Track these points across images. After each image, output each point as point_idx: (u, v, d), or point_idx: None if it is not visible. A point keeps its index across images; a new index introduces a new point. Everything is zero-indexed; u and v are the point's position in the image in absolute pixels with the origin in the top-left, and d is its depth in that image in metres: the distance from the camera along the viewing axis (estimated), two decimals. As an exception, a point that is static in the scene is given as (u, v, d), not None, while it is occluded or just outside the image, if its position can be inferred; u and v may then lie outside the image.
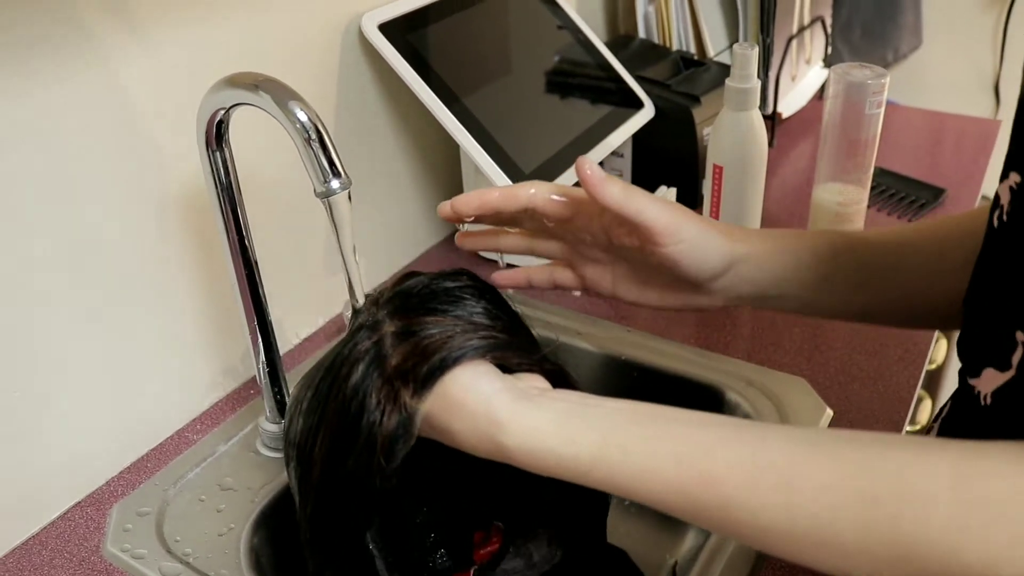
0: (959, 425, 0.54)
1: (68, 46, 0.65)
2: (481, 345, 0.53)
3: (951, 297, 0.59)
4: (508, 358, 0.54)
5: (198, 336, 0.82)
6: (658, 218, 0.57)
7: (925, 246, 0.63)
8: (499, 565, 0.65)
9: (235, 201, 0.67)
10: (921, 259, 0.62)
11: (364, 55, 0.92)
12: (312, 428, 0.54)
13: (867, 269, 0.63)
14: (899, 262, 0.62)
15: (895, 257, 0.63)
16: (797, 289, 0.62)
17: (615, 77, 1.11)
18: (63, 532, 0.72)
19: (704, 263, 0.59)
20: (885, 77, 0.93)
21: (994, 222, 0.48)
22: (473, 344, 0.53)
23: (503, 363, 0.54)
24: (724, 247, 0.60)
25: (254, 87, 0.58)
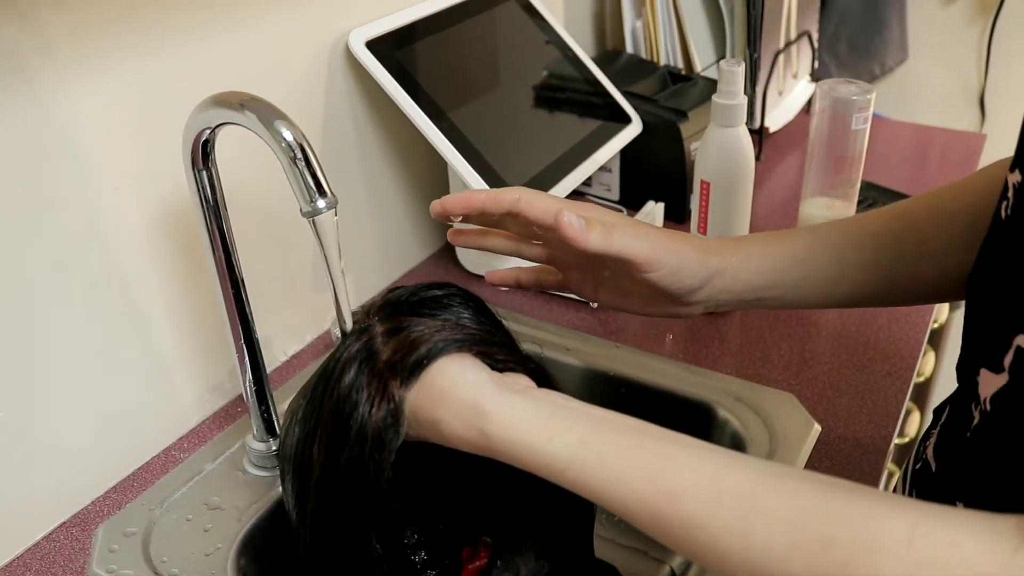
0: (953, 435, 0.54)
1: (57, 55, 0.65)
2: (467, 339, 0.54)
3: (936, 278, 0.62)
4: (493, 353, 0.55)
5: (185, 354, 0.81)
6: (638, 252, 0.59)
7: (903, 235, 0.64)
8: None
9: (221, 219, 0.67)
10: (899, 248, 0.63)
11: (351, 72, 0.92)
12: (308, 433, 0.55)
13: (845, 264, 0.64)
14: (877, 253, 0.63)
15: (872, 249, 0.64)
16: (775, 291, 0.64)
17: (603, 92, 1.12)
18: (48, 553, 0.71)
19: (682, 284, 0.62)
20: (871, 93, 0.93)
21: (1001, 213, 0.49)
22: (459, 337, 0.54)
23: (488, 358, 0.55)
24: (700, 266, 0.62)
25: (240, 106, 0.58)
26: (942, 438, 0.56)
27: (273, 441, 0.77)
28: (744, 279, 0.63)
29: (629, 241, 0.59)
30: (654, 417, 0.89)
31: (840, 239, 0.64)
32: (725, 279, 0.63)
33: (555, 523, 0.64)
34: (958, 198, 0.64)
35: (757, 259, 0.64)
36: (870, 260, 0.63)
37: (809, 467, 0.76)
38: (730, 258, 0.63)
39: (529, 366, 0.57)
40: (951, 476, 0.54)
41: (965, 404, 0.51)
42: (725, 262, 0.63)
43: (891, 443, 0.79)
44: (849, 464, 0.76)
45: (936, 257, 0.62)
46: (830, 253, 0.64)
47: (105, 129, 0.70)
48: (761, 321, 0.95)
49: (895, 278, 0.64)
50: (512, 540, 0.66)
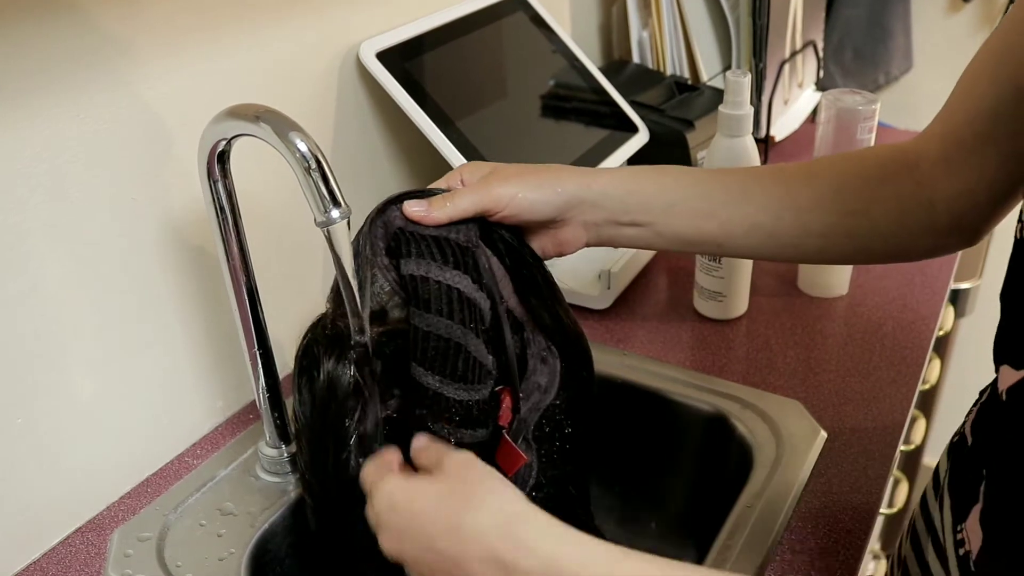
0: (987, 415, 0.57)
1: (78, 72, 0.66)
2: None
3: (797, 231, 0.67)
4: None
5: (198, 361, 0.82)
6: (482, 202, 0.64)
7: (770, 183, 0.68)
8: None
9: (236, 229, 0.68)
10: (766, 196, 0.68)
11: (362, 83, 0.94)
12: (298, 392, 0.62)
13: (712, 200, 0.68)
14: (743, 194, 0.68)
15: (739, 189, 0.68)
16: (648, 216, 0.68)
17: (609, 102, 1.13)
18: (64, 558, 0.72)
19: (541, 212, 0.66)
20: (876, 103, 0.94)
21: (1017, 233, 0.52)
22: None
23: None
24: (552, 191, 0.66)
25: (255, 118, 0.59)
26: (980, 416, 0.59)
27: (285, 448, 0.78)
28: (614, 196, 0.67)
29: (471, 198, 0.64)
30: (661, 424, 0.90)
31: (710, 177, 0.69)
32: (593, 195, 0.67)
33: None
34: (832, 163, 0.71)
35: (626, 178, 0.68)
36: (736, 200, 0.68)
37: (815, 474, 0.77)
38: (597, 177, 0.67)
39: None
40: (982, 450, 0.57)
41: (996, 391, 0.54)
42: (588, 180, 0.67)
43: (896, 450, 0.80)
44: (855, 471, 0.77)
45: (798, 211, 0.67)
46: (699, 187, 0.69)
47: (123, 141, 0.71)
48: (767, 329, 0.96)
49: (760, 223, 0.68)
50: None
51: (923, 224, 0.66)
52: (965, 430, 0.61)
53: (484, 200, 0.64)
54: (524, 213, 0.65)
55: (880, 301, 1.00)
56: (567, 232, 0.68)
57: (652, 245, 0.70)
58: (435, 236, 0.63)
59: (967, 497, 0.56)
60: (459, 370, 0.62)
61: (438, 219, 0.63)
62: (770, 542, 0.70)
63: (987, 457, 0.55)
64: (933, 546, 0.61)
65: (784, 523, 0.72)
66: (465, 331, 0.62)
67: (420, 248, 0.63)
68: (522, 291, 0.66)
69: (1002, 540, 0.52)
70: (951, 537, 0.58)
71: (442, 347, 0.62)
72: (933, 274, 1.04)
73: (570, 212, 0.67)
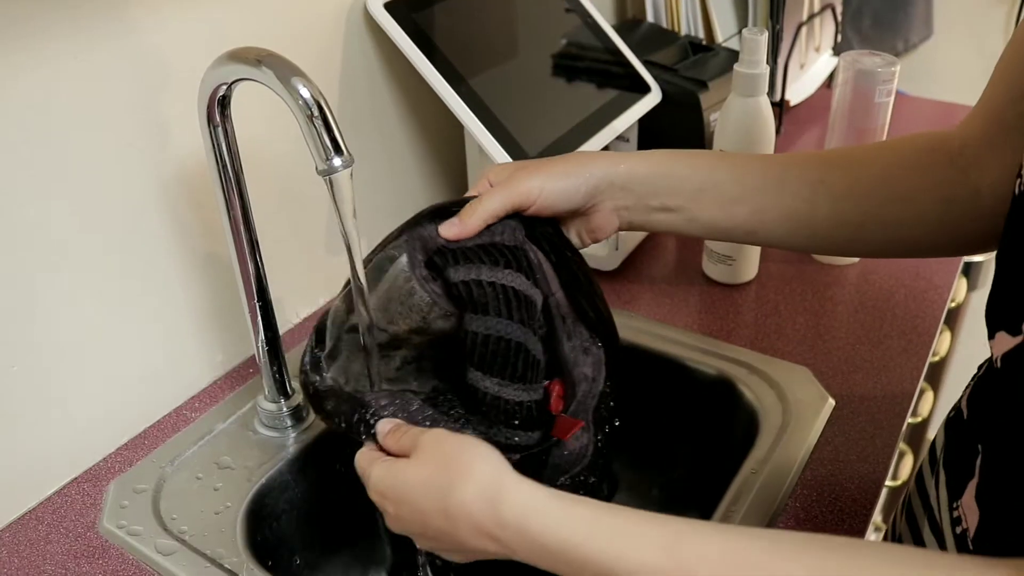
0: (982, 388, 0.57)
1: (76, 15, 0.64)
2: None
3: (833, 219, 0.66)
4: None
5: (197, 314, 0.81)
6: (511, 199, 0.63)
7: (807, 169, 0.67)
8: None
9: (236, 178, 0.67)
10: (802, 181, 0.66)
11: (369, 34, 0.92)
12: None
13: (744, 185, 0.67)
14: (779, 181, 0.67)
15: (775, 175, 0.67)
16: (675, 199, 0.67)
17: (622, 61, 1.10)
18: (60, 507, 0.72)
19: (571, 200, 0.65)
20: (895, 65, 0.92)
21: (1016, 189, 0.50)
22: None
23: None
24: (579, 179, 0.65)
25: (256, 62, 0.58)
26: (975, 389, 0.58)
27: (284, 402, 0.77)
28: (642, 178, 0.66)
29: (499, 198, 0.63)
30: (668, 387, 0.89)
31: (746, 162, 0.68)
32: (622, 178, 0.66)
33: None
34: (872, 151, 0.69)
35: (656, 160, 0.67)
36: (771, 186, 0.66)
37: (822, 441, 0.75)
38: (625, 160, 0.67)
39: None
40: (977, 423, 0.56)
41: (992, 361, 0.53)
42: (616, 163, 0.66)
43: (904, 420, 0.79)
44: (862, 439, 0.76)
45: (834, 199, 0.65)
46: (733, 171, 0.67)
47: (122, 86, 0.69)
48: (777, 294, 0.94)
49: (794, 210, 0.66)
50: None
51: (969, 212, 0.64)
52: (962, 404, 0.60)
53: (512, 197, 0.63)
54: (555, 204, 0.65)
55: (892, 270, 0.98)
56: (598, 218, 0.67)
57: (685, 231, 0.69)
58: (480, 244, 0.63)
59: (963, 472, 0.55)
60: (519, 371, 0.61)
61: (473, 226, 0.63)
62: (774, 509, 0.69)
63: (983, 430, 0.54)
64: (929, 524, 0.60)
65: (789, 490, 0.71)
66: (524, 330, 0.62)
67: (468, 256, 0.62)
68: (567, 284, 0.65)
69: (999, 516, 0.50)
70: (947, 515, 0.57)
71: (502, 348, 0.61)
72: (947, 243, 1.02)
73: (600, 197, 0.66)
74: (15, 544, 0.69)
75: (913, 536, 0.66)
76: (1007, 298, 0.51)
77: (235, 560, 0.67)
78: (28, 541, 0.69)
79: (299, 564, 0.78)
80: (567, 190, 0.65)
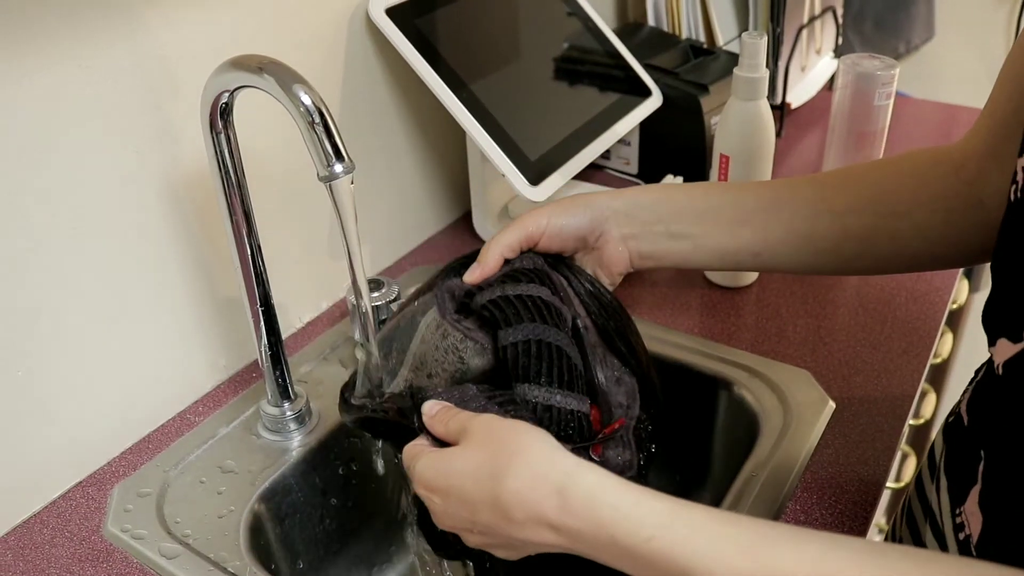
0: (983, 394, 0.56)
1: (80, 22, 0.65)
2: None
3: (838, 236, 0.67)
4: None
5: (201, 319, 0.82)
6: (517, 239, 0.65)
7: (803, 188, 0.68)
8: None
9: (239, 183, 0.67)
10: (800, 199, 0.67)
11: (371, 39, 0.92)
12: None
13: (742, 205, 0.68)
14: (776, 201, 0.68)
15: (771, 196, 0.68)
16: (678, 224, 0.68)
17: (623, 65, 1.11)
18: (64, 511, 0.72)
19: (571, 235, 0.67)
20: (895, 68, 0.92)
21: (1011, 196, 0.50)
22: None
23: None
24: (582, 216, 0.67)
25: (258, 70, 0.58)
26: (975, 395, 0.58)
27: (287, 406, 0.78)
28: (643, 204, 0.68)
29: (510, 231, 0.66)
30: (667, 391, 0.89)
31: (740, 186, 0.70)
32: (623, 205, 0.68)
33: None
34: (867, 169, 0.70)
35: (654, 188, 0.70)
36: (769, 206, 0.68)
37: (822, 444, 0.76)
38: (625, 190, 0.69)
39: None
40: (979, 429, 0.56)
41: (988, 367, 0.53)
42: (616, 194, 0.69)
43: (905, 423, 0.79)
44: (863, 442, 0.76)
45: (835, 214, 0.66)
46: (728, 195, 0.69)
47: (126, 92, 0.70)
48: (777, 297, 0.95)
49: (796, 227, 0.67)
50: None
51: (973, 223, 0.64)
52: (961, 410, 0.60)
53: (522, 228, 0.66)
54: (562, 232, 0.67)
55: (893, 272, 0.98)
56: (608, 250, 0.68)
57: (694, 260, 0.70)
58: (502, 274, 0.64)
59: (965, 478, 0.55)
60: (565, 374, 0.59)
61: (492, 261, 0.65)
62: (775, 511, 0.69)
63: (985, 437, 0.54)
64: (932, 530, 0.60)
65: (789, 492, 0.71)
66: (558, 333, 0.60)
67: (491, 284, 0.63)
68: (594, 313, 0.65)
69: (1003, 522, 0.51)
70: (950, 521, 0.57)
71: (544, 352, 0.59)
72: (948, 246, 1.02)
73: (605, 225, 0.68)
74: (20, 548, 0.69)
75: (914, 540, 0.66)
76: (1007, 305, 0.51)
77: (238, 564, 0.67)
78: (33, 545, 0.69)
79: (302, 568, 0.79)
80: (572, 219, 0.67)
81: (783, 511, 0.70)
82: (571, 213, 0.67)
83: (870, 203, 0.66)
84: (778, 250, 0.68)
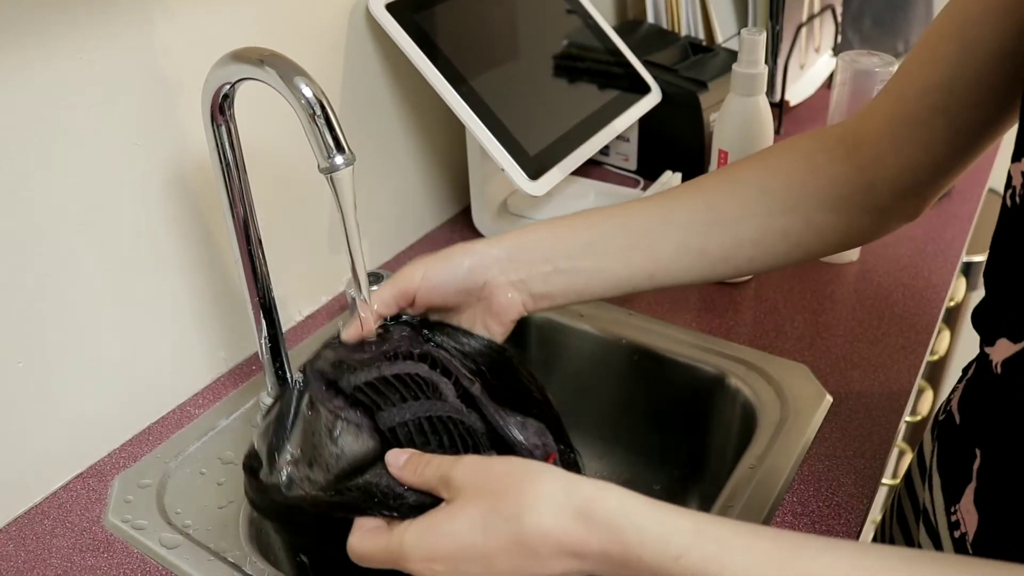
0: (976, 392, 0.56)
1: (80, 14, 0.65)
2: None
3: (730, 244, 0.64)
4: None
5: (200, 311, 0.82)
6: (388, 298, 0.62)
7: (690, 200, 0.65)
8: None
9: (239, 176, 0.68)
10: (688, 213, 0.65)
11: (371, 34, 0.92)
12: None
13: (629, 229, 0.64)
14: (664, 219, 0.65)
15: (659, 215, 0.65)
16: (566, 260, 0.64)
17: (623, 61, 1.11)
18: (65, 502, 0.73)
19: (448, 289, 0.63)
20: (893, 65, 0.92)
21: (1007, 201, 0.50)
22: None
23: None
24: (457, 267, 0.63)
25: (259, 62, 0.58)
26: (966, 393, 0.58)
27: (287, 399, 0.78)
28: (525, 246, 0.64)
29: (386, 287, 0.62)
30: (666, 384, 0.90)
31: (625, 210, 0.66)
32: (504, 250, 0.63)
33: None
34: (753, 164, 0.67)
35: (534, 228, 0.65)
36: (658, 226, 0.64)
37: (819, 438, 0.76)
38: (504, 236, 0.64)
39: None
40: (972, 428, 0.56)
41: (986, 365, 0.53)
42: (496, 240, 0.64)
43: (902, 418, 0.79)
44: (859, 436, 0.76)
45: (725, 222, 0.64)
46: (613, 220, 0.65)
47: (127, 85, 0.70)
48: (775, 292, 0.95)
49: (686, 243, 0.64)
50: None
51: (862, 208, 0.64)
52: (952, 408, 0.60)
53: (396, 284, 0.62)
54: (440, 285, 0.63)
55: (891, 268, 0.99)
56: (498, 298, 0.64)
57: (589, 292, 0.65)
58: (372, 357, 0.59)
59: (959, 477, 0.55)
60: (468, 440, 0.57)
61: (368, 320, 0.61)
62: (771, 504, 0.69)
63: (980, 435, 0.54)
64: (925, 528, 0.61)
65: (786, 485, 0.71)
66: (446, 404, 0.57)
67: (365, 363, 0.59)
68: (479, 374, 0.61)
69: (1000, 520, 0.51)
70: (944, 519, 0.57)
71: (438, 426, 0.56)
72: (946, 243, 1.03)
73: (488, 273, 0.63)
74: (21, 538, 0.69)
75: (905, 538, 0.67)
76: (1007, 305, 0.51)
77: (238, 554, 0.68)
78: (34, 535, 0.70)
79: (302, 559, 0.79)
80: (448, 268, 0.63)
81: (780, 504, 0.70)
82: (448, 265, 0.63)
83: (759, 204, 0.64)
84: (671, 268, 0.65)
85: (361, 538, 0.51)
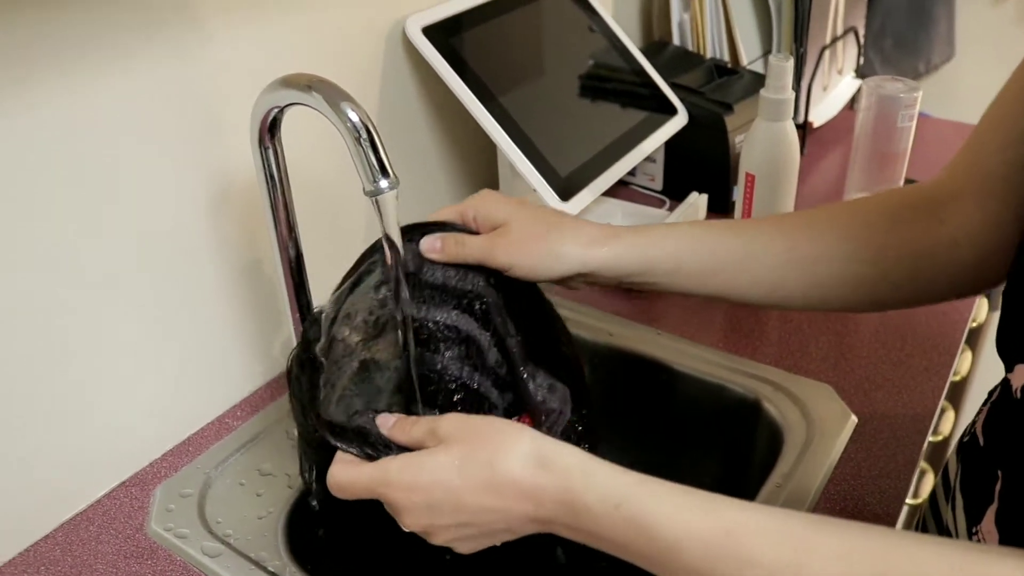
0: (999, 415, 0.57)
1: (129, 39, 0.68)
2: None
3: (806, 284, 0.66)
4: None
5: (240, 325, 0.84)
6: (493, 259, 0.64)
7: (771, 239, 0.67)
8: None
9: (284, 197, 0.70)
10: (769, 253, 0.66)
11: (407, 57, 0.95)
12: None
13: (715, 257, 0.67)
14: (746, 257, 0.67)
15: (743, 252, 0.67)
16: (651, 277, 0.67)
17: (649, 83, 1.13)
18: (108, 510, 0.75)
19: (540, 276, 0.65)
20: (918, 91, 0.94)
21: None
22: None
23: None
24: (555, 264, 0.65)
25: (307, 88, 0.61)
26: (990, 415, 0.59)
27: (323, 412, 0.80)
28: (616, 268, 0.66)
29: (476, 256, 0.65)
30: (694, 403, 0.91)
31: (714, 237, 0.68)
32: (596, 266, 0.65)
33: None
34: (836, 211, 0.68)
35: (628, 247, 0.66)
36: (739, 261, 0.67)
37: (844, 458, 0.77)
38: (599, 249, 0.65)
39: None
40: (996, 450, 0.56)
41: (1008, 389, 0.54)
42: (591, 254, 0.65)
43: (925, 438, 0.81)
44: (884, 456, 0.78)
45: (803, 263, 0.65)
46: (703, 247, 0.67)
47: (168, 104, 0.73)
48: (800, 314, 0.96)
49: (763, 279, 0.66)
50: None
51: (944, 265, 0.64)
52: (976, 430, 0.61)
53: (488, 263, 0.65)
54: (525, 279, 0.66)
55: (914, 290, 1.00)
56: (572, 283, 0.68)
57: (648, 289, 0.69)
58: (441, 283, 0.65)
59: (981, 498, 0.56)
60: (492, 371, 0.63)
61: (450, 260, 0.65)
62: (798, 522, 0.71)
63: (1002, 457, 0.55)
64: None
65: (812, 505, 0.73)
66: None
67: (422, 294, 0.64)
68: (525, 329, 0.66)
69: (1020, 541, 0.52)
70: (966, 539, 0.58)
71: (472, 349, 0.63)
72: (969, 265, 1.04)
73: (572, 281, 0.67)
74: (68, 544, 0.72)
75: None
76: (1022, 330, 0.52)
77: (278, 563, 0.70)
78: (80, 541, 0.72)
79: (341, 569, 0.81)
80: (537, 272, 0.65)
81: (806, 522, 0.71)
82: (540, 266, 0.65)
83: (839, 249, 0.65)
84: (744, 296, 0.68)
85: (343, 468, 0.57)
